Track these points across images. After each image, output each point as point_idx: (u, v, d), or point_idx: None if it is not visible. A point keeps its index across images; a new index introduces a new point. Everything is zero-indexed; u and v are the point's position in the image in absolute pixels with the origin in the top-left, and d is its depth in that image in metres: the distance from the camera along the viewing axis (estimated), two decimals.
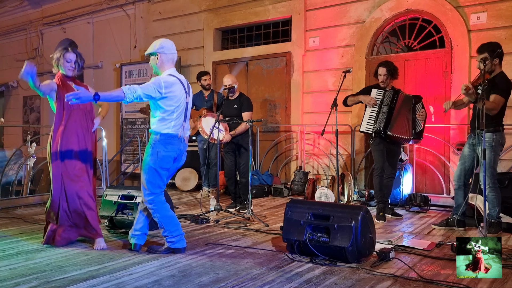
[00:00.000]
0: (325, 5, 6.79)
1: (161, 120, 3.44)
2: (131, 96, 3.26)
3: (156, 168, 3.44)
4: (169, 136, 3.45)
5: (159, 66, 3.54)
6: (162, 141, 3.44)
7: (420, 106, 4.90)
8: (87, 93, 3.20)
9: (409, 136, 4.84)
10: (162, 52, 3.50)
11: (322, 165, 6.88)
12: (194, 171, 7.10)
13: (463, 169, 4.32)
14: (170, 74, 3.50)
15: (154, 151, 3.44)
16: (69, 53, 3.71)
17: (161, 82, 3.37)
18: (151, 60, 3.56)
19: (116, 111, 9.21)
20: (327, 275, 2.97)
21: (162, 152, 3.43)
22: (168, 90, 3.38)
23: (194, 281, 2.84)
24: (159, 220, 3.49)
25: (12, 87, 11.69)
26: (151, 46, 3.54)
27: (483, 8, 5.60)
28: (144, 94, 3.31)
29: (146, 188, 3.47)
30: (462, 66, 5.72)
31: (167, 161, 3.47)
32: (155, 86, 3.35)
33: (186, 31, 8.28)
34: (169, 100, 3.42)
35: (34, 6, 10.90)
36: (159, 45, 3.51)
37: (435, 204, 5.64)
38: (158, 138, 3.44)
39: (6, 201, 5.61)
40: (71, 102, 3.21)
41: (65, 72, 3.72)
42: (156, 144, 3.44)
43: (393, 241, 3.74)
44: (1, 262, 3.24)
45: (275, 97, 7.38)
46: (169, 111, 3.43)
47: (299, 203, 3.61)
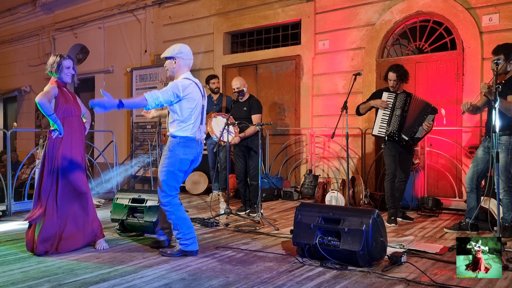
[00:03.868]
0: (335, 8, 6.77)
1: (180, 124, 3.49)
2: (153, 103, 3.34)
3: (174, 170, 3.48)
4: (187, 139, 3.51)
5: (176, 70, 3.57)
6: (181, 144, 3.49)
7: (432, 118, 4.81)
8: (112, 101, 3.20)
9: (407, 137, 4.76)
10: (180, 57, 3.55)
11: (332, 168, 6.85)
12: (204, 174, 7.12)
13: (475, 172, 4.26)
14: (186, 77, 3.55)
15: (173, 153, 3.48)
16: (67, 59, 3.72)
17: (178, 86, 3.44)
18: (168, 64, 3.58)
19: (127, 115, 9.28)
20: (338, 279, 2.94)
21: (180, 155, 3.48)
22: (186, 92, 3.45)
23: (204, 284, 2.84)
24: (174, 222, 3.50)
25: (24, 92, 11.85)
26: (168, 50, 3.57)
27: (495, 10, 5.54)
28: (164, 100, 3.38)
29: (162, 190, 3.49)
30: (474, 68, 5.66)
31: (184, 163, 3.52)
32: (173, 90, 3.41)
33: (196, 35, 8.32)
34: (187, 102, 3.47)
35: (46, 12, 11.05)
36: (178, 50, 3.55)
37: (447, 208, 5.57)
38: (178, 141, 3.49)
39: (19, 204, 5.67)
40: (96, 111, 3.24)
41: (64, 79, 3.71)
42: (175, 147, 3.48)
43: (404, 245, 3.70)
44: (14, 265, 3.27)
45: (284, 100, 7.37)
46: (187, 114, 3.49)
47: (309, 206, 3.59)
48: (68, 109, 3.68)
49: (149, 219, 4.11)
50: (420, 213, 5.37)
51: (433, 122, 4.85)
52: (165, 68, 3.63)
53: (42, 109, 3.53)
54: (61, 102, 3.66)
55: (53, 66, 3.67)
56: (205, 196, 6.90)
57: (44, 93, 3.57)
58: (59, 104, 3.65)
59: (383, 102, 4.81)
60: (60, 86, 3.71)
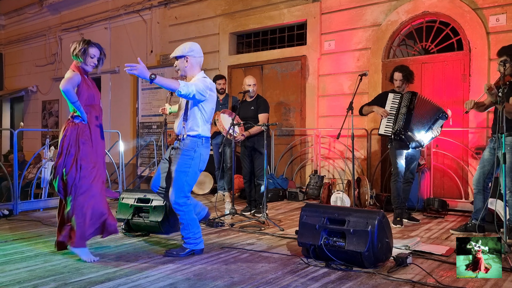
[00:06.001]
0: (340, 8, 6.76)
1: (204, 123, 3.50)
2: (184, 90, 3.26)
3: (196, 171, 3.50)
4: (207, 139, 3.55)
5: (189, 69, 3.52)
6: (205, 144, 3.52)
7: (441, 123, 4.82)
8: (146, 71, 3.15)
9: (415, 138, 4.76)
10: (192, 55, 3.51)
11: (338, 169, 6.83)
12: (209, 174, 7.13)
13: (482, 173, 4.24)
14: (205, 76, 3.53)
15: (198, 154, 3.47)
16: (94, 48, 3.53)
17: (208, 84, 3.43)
18: (179, 63, 3.52)
19: (133, 115, 9.32)
20: (343, 280, 2.93)
21: (204, 155, 3.51)
22: (211, 92, 3.47)
23: (209, 284, 2.84)
24: (187, 223, 3.49)
25: (31, 92, 11.93)
26: (179, 49, 3.52)
27: (502, 10, 5.51)
28: (197, 92, 3.32)
29: (182, 190, 3.45)
30: (481, 68, 5.63)
31: (204, 163, 3.55)
32: (205, 87, 3.39)
33: (202, 36, 8.34)
34: (209, 102, 3.50)
35: (53, 13, 11.13)
36: (188, 48, 3.50)
37: (453, 209, 5.54)
38: (203, 141, 3.50)
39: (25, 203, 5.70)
40: (129, 71, 3.11)
41: (85, 67, 3.52)
42: (200, 147, 3.48)
43: (410, 246, 3.68)
44: (20, 264, 3.29)
45: (290, 101, 7.36)
46: (210, 114, 3.52)
47: (314, 207, 3.59)
48: (90, 96, 3.54)
49: (154, 219, 4.13)
50: (426, 214, 5.35)
51: (441, 128, 4.85)
52: (176, 68, 3.57)
53: (67, 96, 3.38)
54: (84, 89, 3.49)
55: (79, 50, 3.47)
56: (211, 196, 6.91)
57: (68, 79, 3.41)
58: (82, 91, 3.48)
59: (384, 111, 4.80)
60: (82, 73, 3.52)
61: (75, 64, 3.53)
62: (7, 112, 13.15)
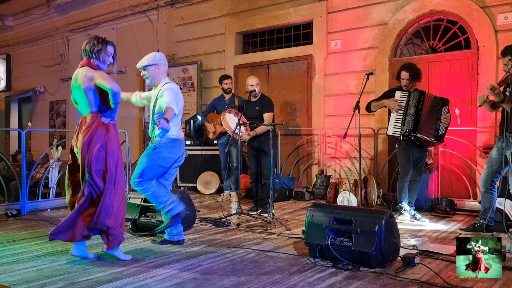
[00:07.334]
0: (347, 7, 6.73)
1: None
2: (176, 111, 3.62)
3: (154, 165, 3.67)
4: (173, 140, 3.72)
5: (159, 76, 3.78)
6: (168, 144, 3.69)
7: (446, 109, 4.80)
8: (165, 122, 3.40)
9: (432, 138, 4.75)
10: (162, 63, 3.79)
11: (344, 168, 6.81)
12: (215, 174, 7.13)
13: (490, 173, 4.20)
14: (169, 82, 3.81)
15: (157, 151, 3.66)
16: (111, 47, 3.42)
17: (178, 90, 3.73)
18: (151, 70, 3.75)
19: (139, 115, 9.35)
20: (350, 280, 2.92)
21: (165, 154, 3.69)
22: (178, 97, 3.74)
23: (216, 284, 2.84)
24: (152, 195, 3.67)
25: (39, 92, 12.01)
26: (149, 58, 3.76)
27: (511, 8, 5.45)
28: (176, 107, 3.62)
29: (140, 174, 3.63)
30: (489, 67, 5.58)
31: (167, 161, 3.71)
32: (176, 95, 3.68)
33: (208, 36, 8.34)
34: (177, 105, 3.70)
35: (60, 13, 11.19)
36: (158, 56, 3.80)
37: (461, 209, 5.50)
38: (164, 141, 3.67)
39: (33, 203, 5.74)
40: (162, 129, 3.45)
41: (101, 65, 3.38)
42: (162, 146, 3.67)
43: (418, 246, 3.66)
44: (28, 263, 3.31)
45: (296, 100, 7.35)
46: (177, 116, 3.69)
47: (321, 207, 3.58)
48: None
49: (161, 219, 4.13)
50: (433, 214, 5.31)
51: (449, 112, 4.81)
52: (144, 76, 3.79)
53: (116, 97, 3.22)
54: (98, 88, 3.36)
55: (97, 47, 3.32)
56: (217, 196, 6.91)
57: (108, 79, 3.23)
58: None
59: (395, 104, 4.76)
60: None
61: (91, 62, 3.35)
62: (15, 113, 13.24)
